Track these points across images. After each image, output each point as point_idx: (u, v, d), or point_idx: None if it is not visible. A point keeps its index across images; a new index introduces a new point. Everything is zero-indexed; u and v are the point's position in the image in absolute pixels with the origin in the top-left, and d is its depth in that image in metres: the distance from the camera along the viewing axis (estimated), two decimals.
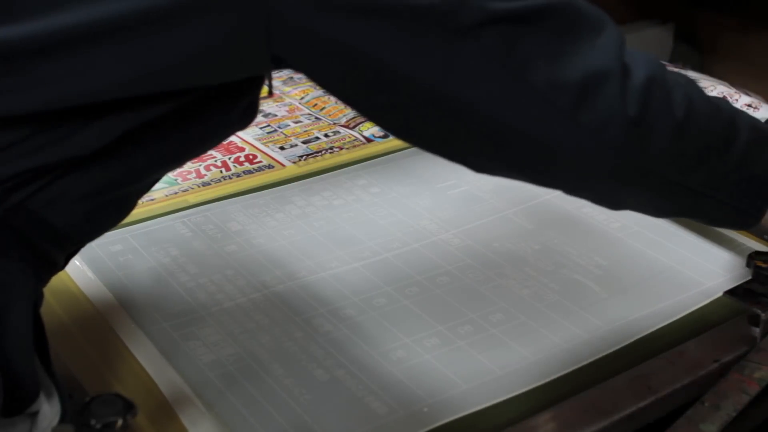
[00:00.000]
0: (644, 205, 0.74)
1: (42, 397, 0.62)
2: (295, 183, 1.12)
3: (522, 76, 0.60)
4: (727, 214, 0.78)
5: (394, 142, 1.21)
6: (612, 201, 0.72)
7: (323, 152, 1.20)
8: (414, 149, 1.19)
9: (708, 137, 0.70)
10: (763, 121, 1.11)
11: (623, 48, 0.64)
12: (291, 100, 1.35)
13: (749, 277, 0.88)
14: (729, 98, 1.16)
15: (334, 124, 1.27)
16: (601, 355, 0.82)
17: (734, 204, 0.76)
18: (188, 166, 1.16)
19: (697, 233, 1.01)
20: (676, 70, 0.72)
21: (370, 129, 1.25)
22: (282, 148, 1.21)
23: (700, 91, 0.72)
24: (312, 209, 1.06)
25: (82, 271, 0.93)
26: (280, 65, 0.60)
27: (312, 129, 1.26)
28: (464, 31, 0.58)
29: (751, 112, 1.13)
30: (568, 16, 0.62)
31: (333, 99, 1.33)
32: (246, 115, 0.66)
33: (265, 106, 1.33)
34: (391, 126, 0.66)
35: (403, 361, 0.81)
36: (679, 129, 0.67)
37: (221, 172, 1.15)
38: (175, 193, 1.10)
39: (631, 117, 0.63)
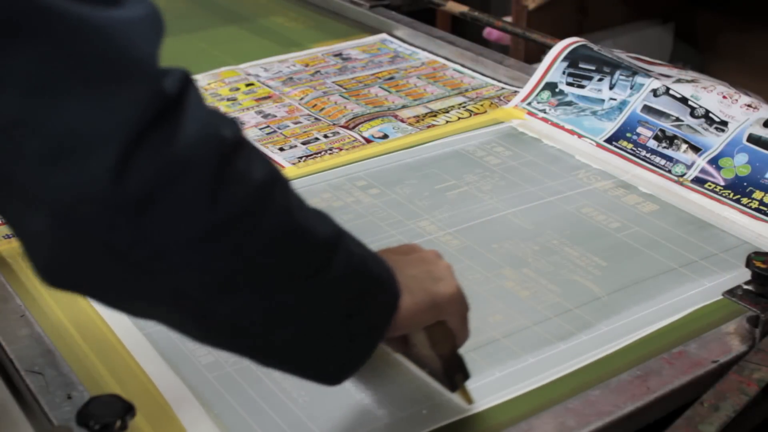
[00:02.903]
0: (167, 321, 0.58)
1: None
2: (295, 184, 1.12)
3: None
4: (275, 360, 0.63)
5: (393, 142, 1.21)
6: (121, 305, 0.56)
7: (323, 153, 1.20)
8: (413, 149, 1.19)
9: (264, 254, 0.55)
10: (762, 121, 1.11)
11: (151, 112, 0.48)
12: (290, 100, 1.35)
13: (748, 278, 0.88)
14: (729, 98, 1.15)
15: (334, 124, 1.27)
16: (600, 356, 0.82)
17: (278, 356, 0.62)
18: None
19: (696, 234, 1.01)
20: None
21: (370, 130, 1.24)
22: (281, 149, 1.21)
23: (289, 193, 0.58)
24: None
25: None
26: None
27: (311, 130, 1.26)
28: None
29: (750, 112, 1.12)
30: (82, 44, 0.47)
31: (333, 99, 1.34)
32: None
33: (265, 107, 1.33)
34: None
35: (402, 362, 0.81)
36: (212, 229, 0.51)
37: None
38: None
39: (128, 198, 0.48)
